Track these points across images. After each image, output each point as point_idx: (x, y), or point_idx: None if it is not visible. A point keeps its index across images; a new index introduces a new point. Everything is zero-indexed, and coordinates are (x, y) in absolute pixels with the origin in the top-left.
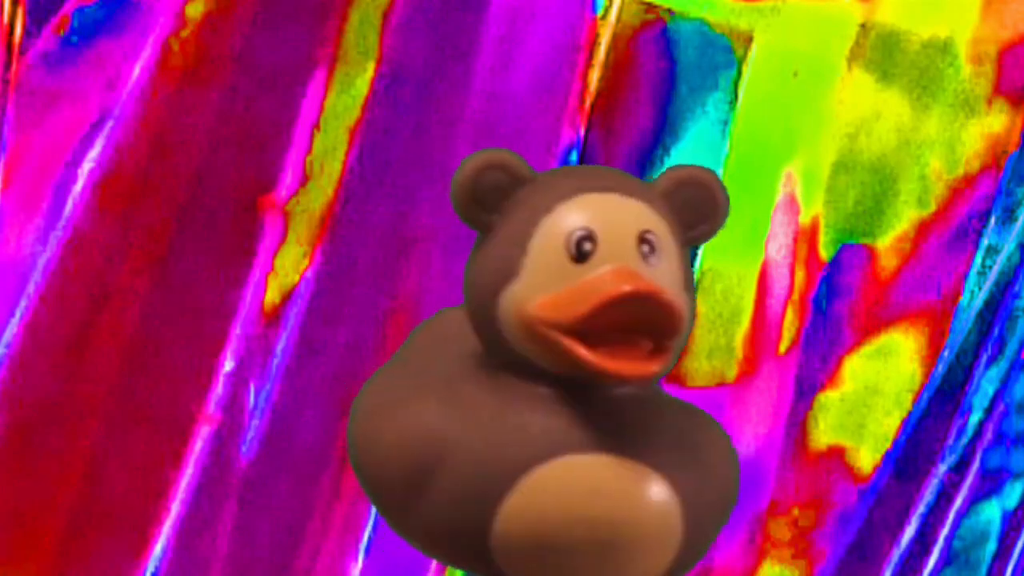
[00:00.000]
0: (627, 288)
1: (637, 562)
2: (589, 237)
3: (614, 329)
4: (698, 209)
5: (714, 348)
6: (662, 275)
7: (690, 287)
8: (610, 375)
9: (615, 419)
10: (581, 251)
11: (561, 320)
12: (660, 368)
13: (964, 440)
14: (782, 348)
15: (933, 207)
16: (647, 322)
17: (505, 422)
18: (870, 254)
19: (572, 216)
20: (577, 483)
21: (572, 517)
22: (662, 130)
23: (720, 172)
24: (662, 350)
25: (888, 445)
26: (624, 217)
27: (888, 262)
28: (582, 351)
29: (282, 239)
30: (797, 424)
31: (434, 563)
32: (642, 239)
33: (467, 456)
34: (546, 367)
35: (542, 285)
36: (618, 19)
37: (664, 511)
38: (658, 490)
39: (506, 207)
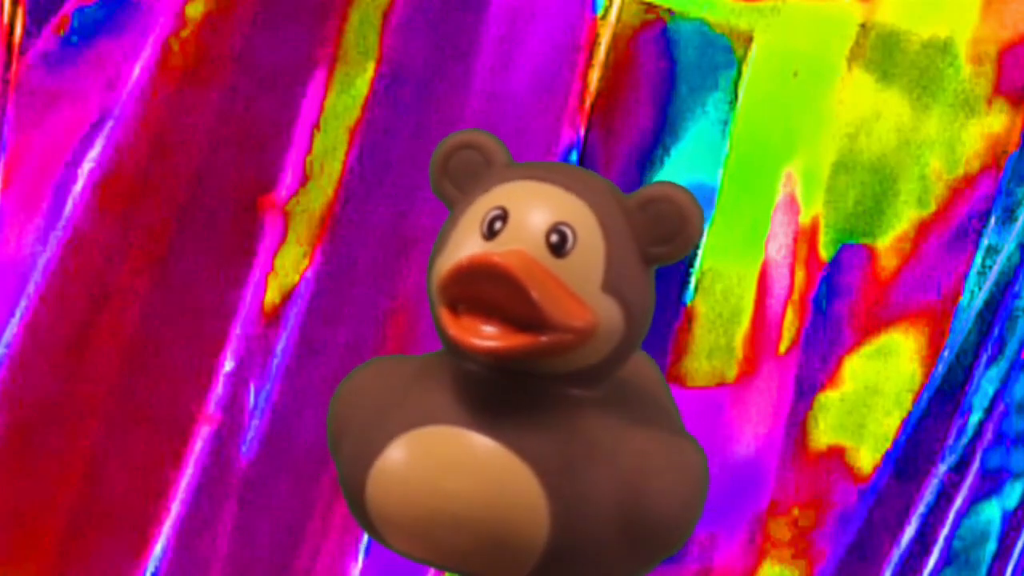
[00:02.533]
0: (477, 260)
1: (492, 548)
2: (502, 217)
3: (491, 307)
4: (667, 227)
5: (714, 348)
6: (567, 269)
7: (622, 294)
8: (461, 344)
9: (520, 409)
10: (491, 229)
11: (439, 287)
12: (516, 346)
13: (964, 440)
14: (782, 348)
15: (933, 207)
16: (510, 303)
17: (408, 390)
18: (870, 254)
19: (498, 196)
20: (436, 454)
21: (426, 486)
22: (662, 130)
23: (720, 172)
24: (530, 335)
25: (888, 445)
26: (544, 206)
27: (888, 262)
28: (445, 318)
29: (282, 239)
30: (797, 424)
31: None
32: (555, 229)
33: (365, 416)
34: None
35: (452, 258)
36: (618, 19)
37: (520, 502)
38: (521, 481)
39: (470, 187)
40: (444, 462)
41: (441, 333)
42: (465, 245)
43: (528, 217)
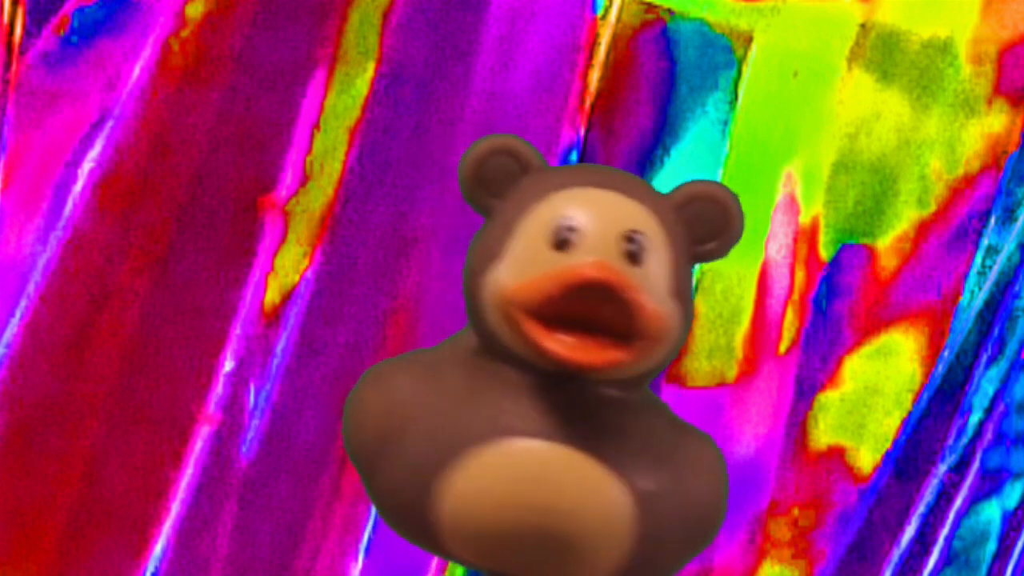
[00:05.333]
0: (587, 275)
1: (575, 557)
2: (572, 228)
3: (577, 318)
4: (710, 225)
5: (714, 348)
6: (644, 276)
7: (683, 298)
8: (560, 359)
9: (582, 414)
10: (562, 240)
11: (526, 302)
12: (614, 360)
13: (964, 440)
14: (782, 348)
15: (933, 207)
16: (608, 315)
17: (465, 399)
18: (870, 254)
19: (561, 205)
20: (518, 466)
21: (509, 500)
22: (662, 130)
23: (720, 172)
24: (623, 346)
25: (888, 445)
26: (613, 214)
27: (888, 262)
28: (538, 332)
29: (282, 239)
30: (797, 424)
31: (434, 563)
32: (627, 238)
33: (421, 426)
34: (517, 351)
35: (521, 269)
36: (618, 19)
37: (610, 509)
38: (607, 487)
39: (508, 193)
40: (527, 475)
41: (522, 344)
42: (535, 257)
43: (601, 227)
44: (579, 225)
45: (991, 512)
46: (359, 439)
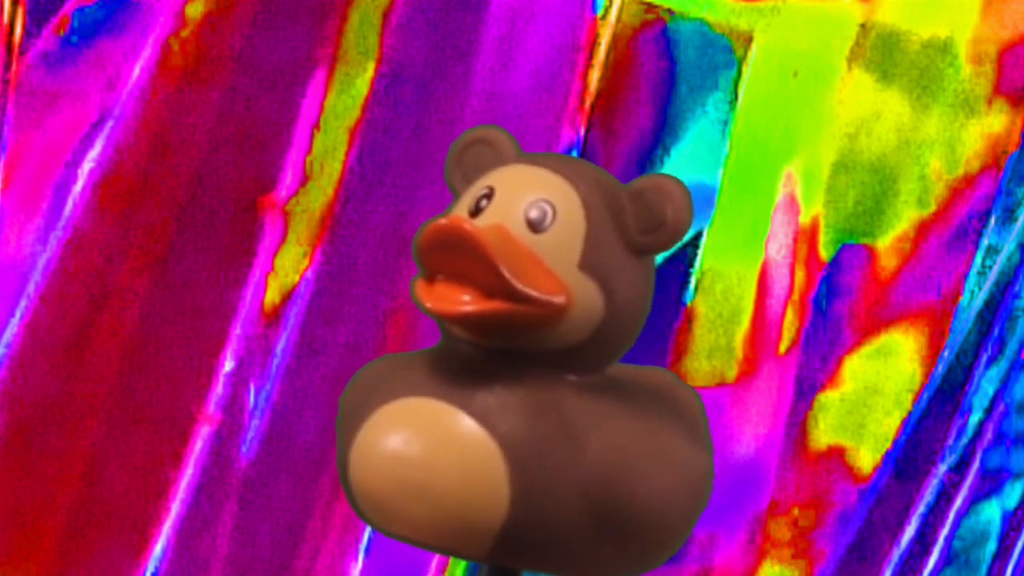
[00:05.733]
0: (439, 227)
1: (447, 511)
2: (488, 195)
3: (452, 272)
4: (652, 215)
5: (714, 348)
6: (541, 244)
7: (601, 275)
8: (423, 308)
9: (497, 387)
10: (478, 207)
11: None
12: (475, 312)
13: (964, 440)
14: (782, 348)
15: (933, 207)
16: (473, 271)
17: (401, 369)
18: (870, 254)
19: (490, 178)
20: (403, 422)
21: (389, 455)
22: (662, 130)
23: (720, 172)
24: (489, 300)
25: (888, 445)
26: (527, 186)
27: (888, 262)
28: (418, 285)
29: (282, 239)
30: (797, 424)
31: (434, 563)
32: (534, 205)
33: (353, 401)
34: None
35: None
36: (618, 19)
37: (478, 473)
38: (480, 451)
39: (476, 178)
40: (412, 431)
41: (417, 303)
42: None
43: (511, 194)
44: (493, 193)
45: (991, 512)
46: (337, 424)
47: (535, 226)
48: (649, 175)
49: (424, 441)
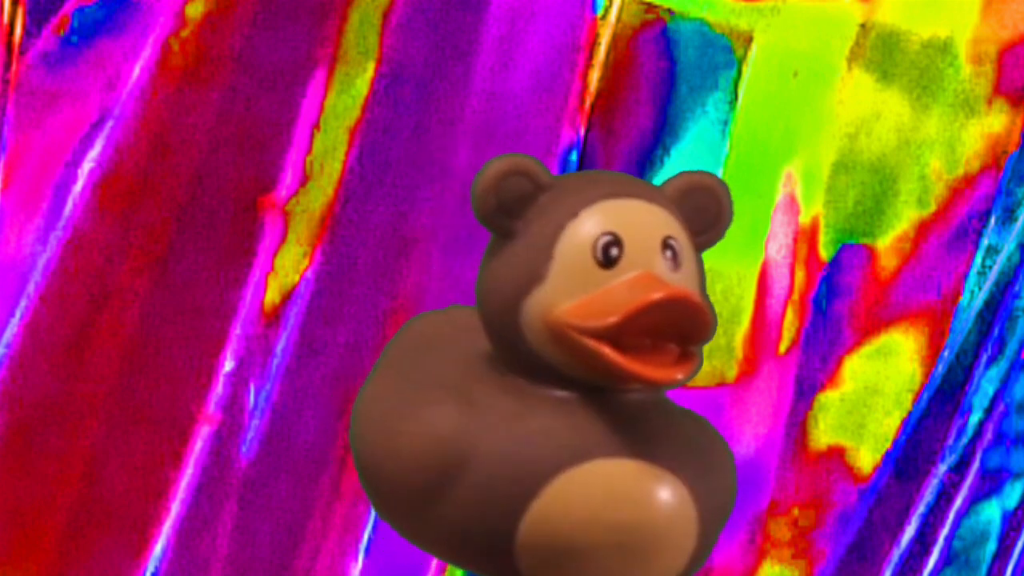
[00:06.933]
0: (659, 295)
1: (656, 565)
2: (615, 242)
3: (644, 334)
4: (704, 215)
5: (714, 348)
6: (685, 280)
7: (705, 291)
8: (641, 379)
9: (632, 424)
10: (608, 256)
11: (592, 325)
12: (689, 373)
13: (964, 440)
14: (782, 348)
15: (933, 207)
16: (676, 327)
17: (528, 426)
18: (870, 254)
19: (597, 221)
20: (602, 487)
21: (596, 521)
22: (662, 130)
23: (720, 172)
24: (689, 355)
25: (888, 445)
26: (648, 223)
27: (888, 262)
28: (615, 356)
29: (282, 239)
30: (797, 424)
31: (434, 563)
32: (666, 245)
33: (492, 460)
34: (572, 373)
35: (569, 290)
36: (618, 19)
37: (682, 514)
38: (677, 493)
39: (528, 213)
40: (608, 495)
41: (582, 365)
42: (582, 277)
43: (640, 238)
44: (619, 239)
45: (991, 512)
46: (406, 481)
47: (675, 265)
48: (685, 175)
49: (628, 500)
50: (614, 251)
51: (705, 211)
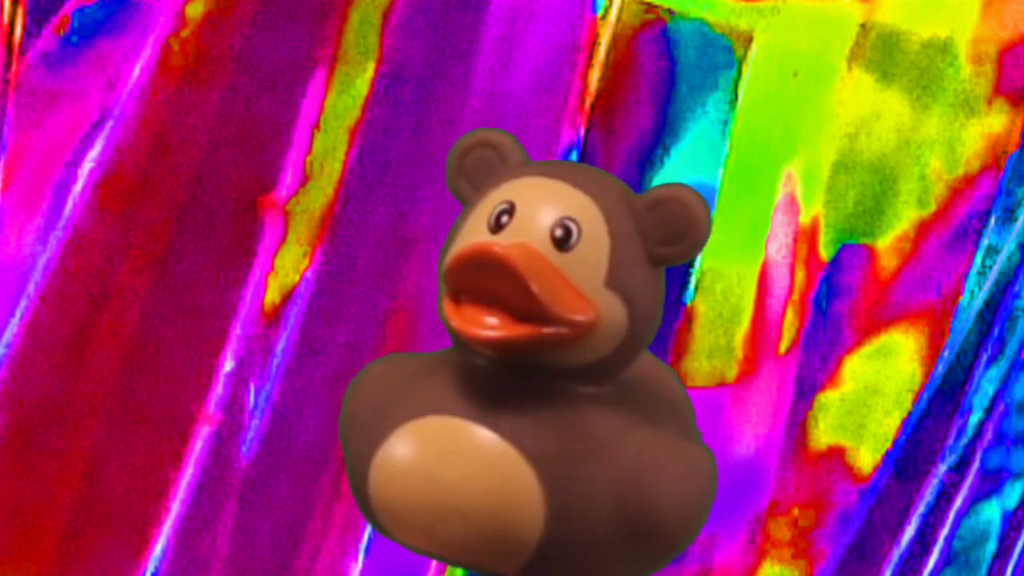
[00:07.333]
0: (468, 249)
1: (483, 531)
2: (509, 211)
3: (475, 293)
4: (675, 227)
5: (714, 348)
6: (568, 263)
7: (626, 291)
8: (457, 332)
9: (523, 403)
10: (499, 223)
11: (444, 277)
12: (509, 336)
13: (964, 440)
14: (782, 348)
15: (933, 207)
16: (507, 294)
17: (412, 385)
18: (870, 254)
19: (507, 191)
20: (431, 442)
21: (415, 473)
22: (662, 130)
23: (720, 172)
24: (523, 324)
25: (888, 445)
26: (550, 201)
27: (888, 262)
28: (446, 305)
29: (282, 239)
30: (797, 424)
31: (434, 563)
32: (560, 224)
33: (367, 413)
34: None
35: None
36: (618, 19)
37: (512, 493)
38: (513, 470)
39: (484, 184)
40: (442, 452)
41: (445, 324)
42: (472, 238)
43: (534, 211)
44: (514, 208)
45: (991, 512)
46: (339, 427)
47: (561, 245)
48: (664, 185)
49: (458, 463)
50: (504, 219)
51: (674, 222)
